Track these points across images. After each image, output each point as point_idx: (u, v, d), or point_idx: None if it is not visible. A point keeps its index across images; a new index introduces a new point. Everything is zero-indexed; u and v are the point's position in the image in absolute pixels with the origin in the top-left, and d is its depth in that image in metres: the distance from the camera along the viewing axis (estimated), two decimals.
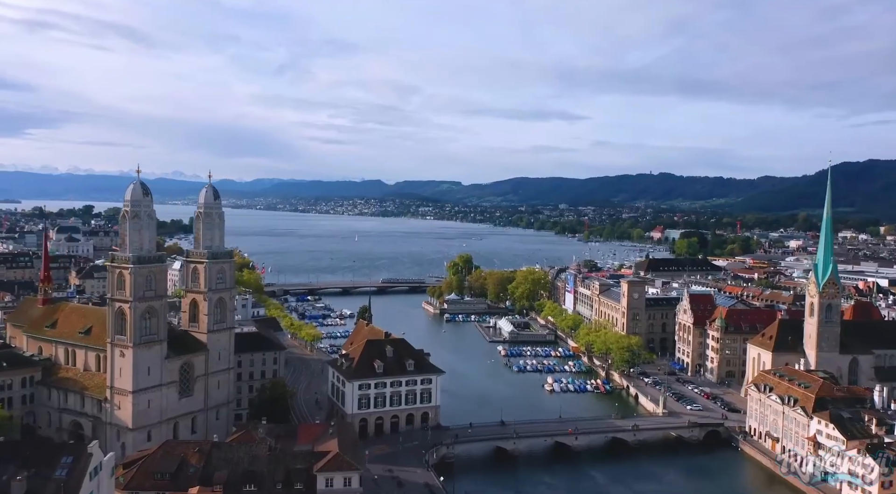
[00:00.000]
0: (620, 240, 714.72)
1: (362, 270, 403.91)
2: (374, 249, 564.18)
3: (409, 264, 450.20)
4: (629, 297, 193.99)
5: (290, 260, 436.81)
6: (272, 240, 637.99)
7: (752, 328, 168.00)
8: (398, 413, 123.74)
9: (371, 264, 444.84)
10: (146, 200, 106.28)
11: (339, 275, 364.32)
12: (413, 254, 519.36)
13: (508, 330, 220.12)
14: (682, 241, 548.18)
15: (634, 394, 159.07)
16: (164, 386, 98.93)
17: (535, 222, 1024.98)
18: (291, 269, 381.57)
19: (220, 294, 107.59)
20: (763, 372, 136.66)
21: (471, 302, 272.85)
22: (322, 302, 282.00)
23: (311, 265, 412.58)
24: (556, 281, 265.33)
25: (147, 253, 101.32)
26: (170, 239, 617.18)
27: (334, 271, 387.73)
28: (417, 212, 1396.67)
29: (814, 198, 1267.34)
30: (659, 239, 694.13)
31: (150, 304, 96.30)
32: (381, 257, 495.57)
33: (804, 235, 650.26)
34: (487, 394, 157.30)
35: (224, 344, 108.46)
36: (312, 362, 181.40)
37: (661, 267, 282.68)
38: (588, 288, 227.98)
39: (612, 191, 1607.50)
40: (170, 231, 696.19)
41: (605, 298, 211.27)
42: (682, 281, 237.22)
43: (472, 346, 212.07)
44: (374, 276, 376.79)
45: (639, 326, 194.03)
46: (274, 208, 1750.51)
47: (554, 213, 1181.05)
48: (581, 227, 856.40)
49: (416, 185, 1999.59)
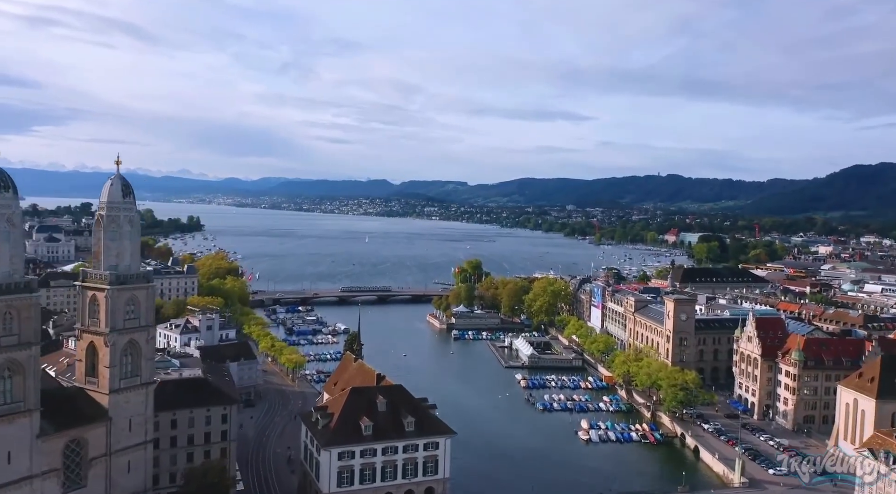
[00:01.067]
0: (633, 243, 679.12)
1: (362, 275, 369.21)
2: (378, 251, 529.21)
3: (414, 269, 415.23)
4: (676, 319, 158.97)
5: (285, 265, 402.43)
6: (270, 242, 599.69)
7: (836, 362, 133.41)
8: (393, 490, 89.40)
9: (373, 269, 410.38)
10: (127, 202, 76.28)
11: (338, 282, 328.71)
12: (418, 258, 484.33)
13: (528, 353, 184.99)
14: (702, 246, 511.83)
15: (693, 447, 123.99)
16: (37, 477, 64.64)
17: (542, 223, 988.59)
18: (285, 275, 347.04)
19: (130, 335, 73.13)
20: (882, 434, 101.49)
21: (482, 317, 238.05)
22: (314, 313, 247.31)
23: (307, 271, 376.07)
24: (578, 294, 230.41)
25: (124, 271, 71.98)
26: (164, 238, 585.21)
27: (333, 277, 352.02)
28: (423, 213, 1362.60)
29: (826, 200, 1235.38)
30: (674, 242, 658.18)
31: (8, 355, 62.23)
32: (383, 260, 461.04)
33: (825, 240, 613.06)
34: (508, 446, 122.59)
35: (136, 407, 73.77)
36: (293, 395, 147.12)
37: (696, 277, 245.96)
38: (619, 304, 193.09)
39: (619, 192, 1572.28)
40: (166, 230, 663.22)
41: (642, 317, 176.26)
42: (729, 297, 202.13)
43: (485, 373, 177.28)
44: (375, 282, 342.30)
45: (686, 353, 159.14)
46: (279, 207, 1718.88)
47: (562, 215, 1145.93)
48: (591, 229, 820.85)
49: (422, 185, 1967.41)
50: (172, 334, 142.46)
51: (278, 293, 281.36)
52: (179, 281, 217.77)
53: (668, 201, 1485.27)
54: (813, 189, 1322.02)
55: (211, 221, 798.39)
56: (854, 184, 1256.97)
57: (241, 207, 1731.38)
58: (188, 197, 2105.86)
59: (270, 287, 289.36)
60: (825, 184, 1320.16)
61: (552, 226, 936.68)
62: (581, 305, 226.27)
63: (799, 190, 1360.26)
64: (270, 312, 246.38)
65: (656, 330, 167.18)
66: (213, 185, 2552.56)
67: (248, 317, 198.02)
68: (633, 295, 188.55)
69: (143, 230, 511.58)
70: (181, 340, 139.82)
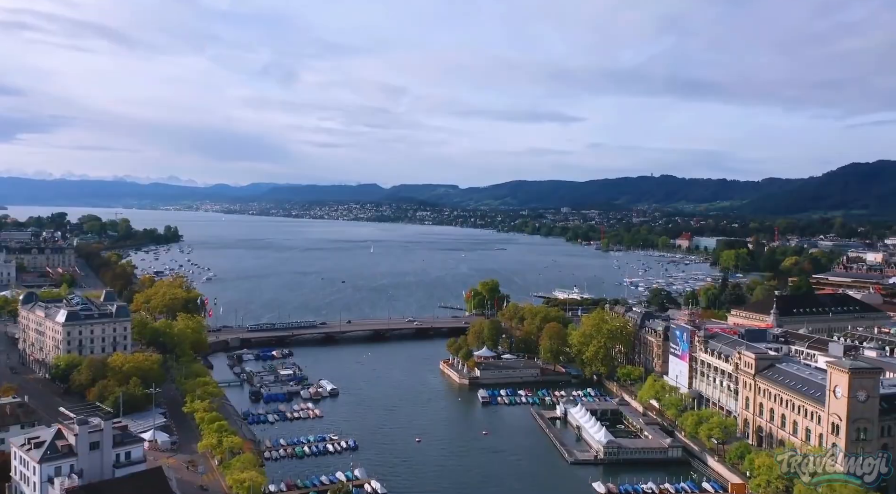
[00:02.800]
0: (643, 249, 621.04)
1: (356, 299, 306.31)
2: (376, 265, 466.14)
3: (414, 288, 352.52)
4: (851, 399, 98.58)
5: (262, 288, 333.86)
6: (249, 257, 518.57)
7: None
8: None
9: (369, 287, 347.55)
10: None
11: (325, 309, 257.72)
12: (418, 273, 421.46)
13: (598, 435, 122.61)
14: (729, 253, 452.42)
15: None
16: None
17: (541, 228, 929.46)
18: (261, 303, 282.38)
19: None
20: None
21: (514, 365, 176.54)
22: (292, 361, 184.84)
23: (287, 299, 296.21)
24: (642, 333, 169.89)
25: None
26: (135, 252, 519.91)
27: (319, 303, 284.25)
28: (415, 217, 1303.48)
29: (826, 200, 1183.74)
30: (688, 247, 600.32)
31: None
32: (378, 275, 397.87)
33: (856, 244, 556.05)
34: None
35: None
36: None
37: (793, 307, 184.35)
38: (722, 358, 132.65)
39: (613, 194, 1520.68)
40: (140, 242, 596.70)
41: (773, 385, 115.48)
42: (876, 342, 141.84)
43: (544, 478, 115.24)
44: (369, 307, 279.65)
45: (869, 446, 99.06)
46: (267, 213, 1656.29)
47: (557, 217, 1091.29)
48: (594, 234, 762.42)
49: (413, 189, 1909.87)
50: (30, 460, 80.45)
51: (249, 327, 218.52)
52: (105, 329, 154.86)
53: (663, 202, 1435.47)
54: (810, 188, 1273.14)
55: (192, 231, 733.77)
56: (853, 183, 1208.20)
57: (229, 214, 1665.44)
58: (175, 204, 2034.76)
59: (240, 319, 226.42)
60: (823, 183, 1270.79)
61: (552, 231, 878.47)
62: (647, 349, 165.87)
63: (795, 189, 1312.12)
64: (235, 361, 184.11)
65: (808, 407, 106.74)
66: (201, 192, 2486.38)
67: (196, 382, 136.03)
68: (750, 349, 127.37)
69: (114, 242, 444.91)
70: (42, 473, 78.12)
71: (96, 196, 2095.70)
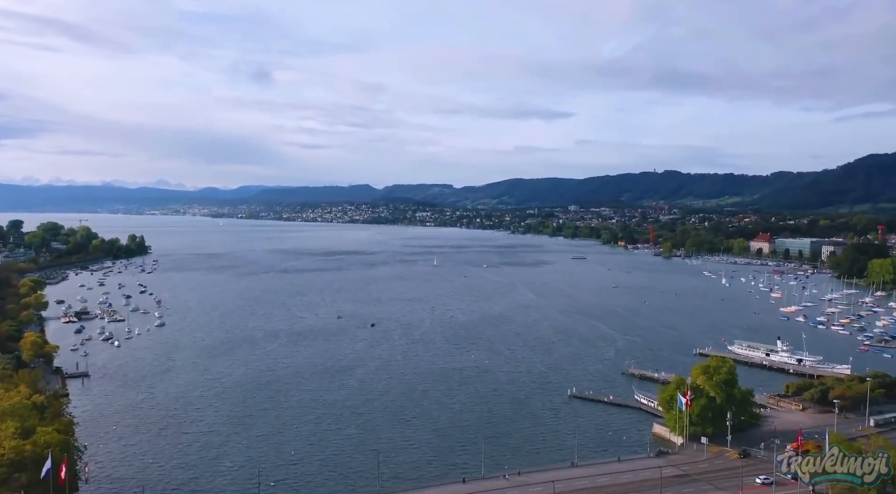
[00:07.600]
0: (710, 254, 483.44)
1: (370, 377, 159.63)
2: (383, 288, 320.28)
3: (514, 342, 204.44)
4: None
5: (243, 364, 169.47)
6: (226, 281, 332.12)
7: None
8: None
9: (383, 341, 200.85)
10: None
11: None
12: (465, 310, 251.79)
13: None
14: (843, 257, 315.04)
15: None
16: None
17: (562, 228, 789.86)
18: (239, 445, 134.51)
19: None
20: None
21: None
22: None
23: (251, 406, 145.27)
24: None
25: None
26: (79, 271, 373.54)
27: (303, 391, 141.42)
28: (414, 218, 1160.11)
29: (849, 193, 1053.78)
30: (771, 250, 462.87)
31: None
32: (393, 317, 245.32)
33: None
34: None
35: None
36: None
37: None
38: None
39: (615, 191, 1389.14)
40: (92, 256, 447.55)
41: None
42: None
43: None
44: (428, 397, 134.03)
45: None
46: (257, 216, 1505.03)
47: (568, 216, 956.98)
48: (639, 234, 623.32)
49: (407, 189, 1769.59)
50: None
51: None
52: None
53: (669, 198, 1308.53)
54: (827, 181, 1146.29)
55: (165, 240, 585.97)
56: (875, 175, 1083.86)
57: (217, 217, 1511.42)
58: (162, 208, 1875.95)
59: None
60: (840, 177, 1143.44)
61: (577, 231, 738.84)
62: None
63: (810, 183, 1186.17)
64: None
65: None
66: (190, 196, 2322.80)
67: None
68: None
69: (56, 258, 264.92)
70: None
71: (84, 201, 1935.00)
